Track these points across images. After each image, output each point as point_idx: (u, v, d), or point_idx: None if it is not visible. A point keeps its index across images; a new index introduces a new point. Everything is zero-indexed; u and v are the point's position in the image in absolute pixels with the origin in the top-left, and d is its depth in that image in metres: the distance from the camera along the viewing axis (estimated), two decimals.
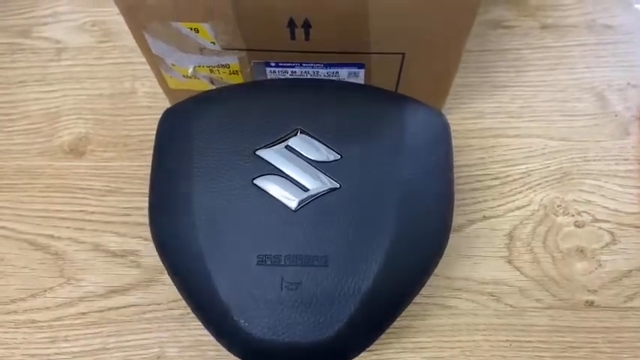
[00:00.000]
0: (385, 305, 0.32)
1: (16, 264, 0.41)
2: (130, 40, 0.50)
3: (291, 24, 0.34)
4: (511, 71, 0.48)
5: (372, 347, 0.37)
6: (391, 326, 0.38)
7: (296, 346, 0.30)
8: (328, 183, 0.32)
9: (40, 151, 0.46)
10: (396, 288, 0.32)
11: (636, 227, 0.41)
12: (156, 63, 0.40)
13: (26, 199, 0.44)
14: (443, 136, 0.34)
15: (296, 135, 0.33)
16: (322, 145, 0.33)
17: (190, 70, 0.39)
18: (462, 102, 0.46)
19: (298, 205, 0.31)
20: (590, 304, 0.39)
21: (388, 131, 0.33)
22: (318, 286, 0.31)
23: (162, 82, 0.42)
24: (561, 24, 0.49)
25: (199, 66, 0.39)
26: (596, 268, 0.40)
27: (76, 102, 0.48)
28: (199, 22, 0.35)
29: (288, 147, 0.33)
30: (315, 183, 0.32)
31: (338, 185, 0.32)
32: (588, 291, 0.39)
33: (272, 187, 0.32)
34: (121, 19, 0.49)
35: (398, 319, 0.38)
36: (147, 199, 0.34)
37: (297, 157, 0.33)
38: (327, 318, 0.30)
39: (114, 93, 0.48)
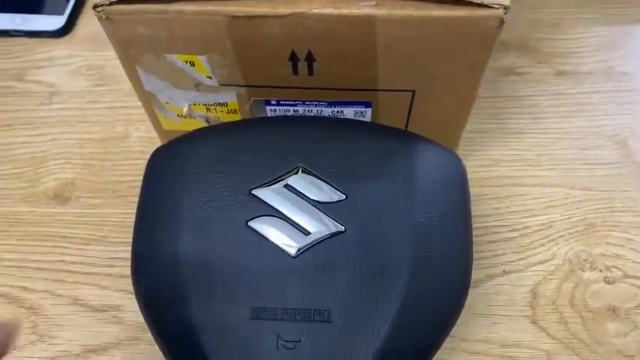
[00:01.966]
0: None
1: None
2: (126, 84, 0.48)
3: (294, 57, 0.32)
4: (526, 118, 0.45)
5: None
6: None
7: None
8: (332, 226, 0.28)
9: (22, 196, 0.42)
10: (409, 350, 0.28)
11: None
12: (149, 101, 0.37)
13: (3, 247, 0.40)
14: (458, 177, 0.31)
15: (297, 173, 0.30)
16: (325, 184, 0.30)
17: (185, 109, 0.37)
18: (475, 149, 0.43)
19: (298, 251, 0.28)
20: None
21: (399, 170, 0.30)
22: (319, 345, 0.27)
23: (156, 122, 0.39)
24: (577, 71, 0.47)
25: (195, 104, 0.36)
26: (632, 330, 0.36)
27: (65, 146, 0.45)
28: (195, 55, 0.33)
29: (287, 186, 0.30)
30: (317, 226, 0.28)
31: (343, 228, 0.28)
32: (625, 356, 0.35)
33: (269, 230, 0.29)
34: (117, 62, 0.47)
35: None
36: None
37: (298, 197, 0.29)
38: None
39: (105, 137, 0.45)
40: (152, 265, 0.29)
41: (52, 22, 0.51)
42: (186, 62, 0.33)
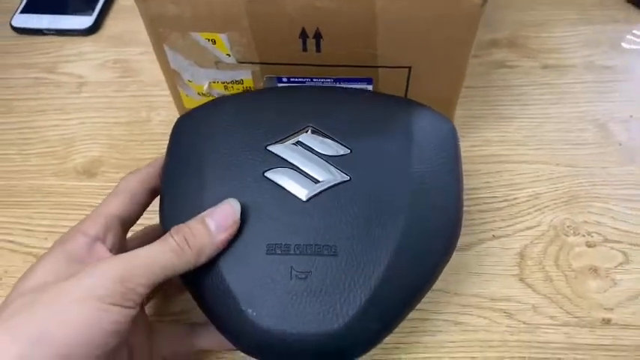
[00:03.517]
0: (395, 298, 0.31)
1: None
2: (148, 76, 0.52)
3: (303, 34, 0.36)
4: (515, 105, 0.49)
5: None
6: (399, 342, 0.37)
7: (304, 337, 0.29)
8: (338, 175, 0.32)
9: (53, 171, 0.46)
10: (407, 280, 0.31)
11: None
12: (173, 80, 0.41)
13: (36, 215, 0.44)
14: (450, 136, 0.35)
15: (307, 132, 0.34)
16: (332, 141, 0.33)
17: (205, 87, 0.41)
18: (469, 131, 0.47)
19: (308, 195, 0.32)
20: (607, 321, 0.37)
21: (398, 129, 0.34)
22: (327, 275, 0.30)
23: (178, 100, 0.43)
24: (561, 64, 0.52)
25: (214, 82, 0.41)
26: (611, 287, 0.39)
27: (93, 129, 0.49)
28: (217, 33, 0.37)
29: (299, 142, 0.33)
30: (325, 175, 0.32)
31: (348, 177, 0.32)
32: (604, 309, 0.38)
33: (283, 179, 0.32)
34: (141, 57, 0.52)
35: (406, 335, 0.37)
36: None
37: (308, 152, 0.33)
38: (336, 308, 0.29)
39: (129, 121, 0.49)
40: (178, 205, 0.33)
41: (81, 21, 0.56)
42: (209, 40, 0.37)
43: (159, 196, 0.34)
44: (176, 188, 0.33)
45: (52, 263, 0.28)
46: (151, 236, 0.34)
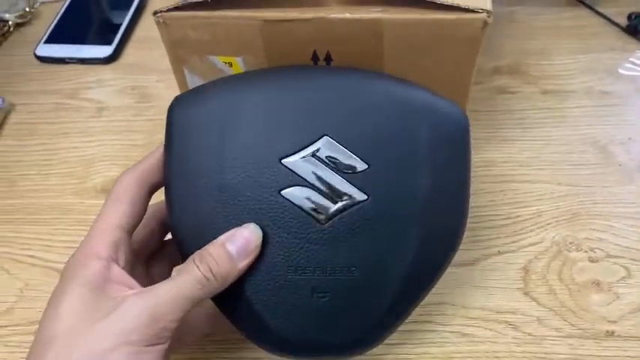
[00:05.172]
0: (410, 303, 0.33)
1: (40, 289, 0.42)
2: (164, 101, 0.55)
3: (315, 57, 0.39)
4: (518, 128, 0.51)
5: None
6: (407, 352, 0.38)
7: (325, 345, 0.32)
8: (356, 195, 0.32)
9: (73, 190, 0.48)
10: (420, 288, 0.33)
11: None
12: None
13: (56, 231, 0.46)
14: (463, 146, 0.35)
15: (323, 142, 0.32)
16: (349, 152, 0.32)
17: None
18: (474, 152, 0.47)
19: (327, 218, 0.32)
20: (610, 333, 0.38)
21: (416, 141, 0.33)
22: (346, 294, 0.32)
23: None
24: (561, 90, 0.54)
25: None
26: (614, 300, 0.40)
27: (112, 150, 0.51)
28: (233, 56, 0.39)
29: (314, 155, 0.32)
30: (342, 195, 0.32)
31: (366, 197, 0.32)
32: (608, 321, 0.39)
33: (300, 200, 0.32)
34: (157, 84, 0.55)
35: (415, 346, 0.39)
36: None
37: (325, 167, 0.32)
38: (355, 322, 0.32)
39: (146, 143, 0.52)
40: (193, 229, 0.32)
41: (101, 51, 0.59)
42: (225, 63, 0.40)
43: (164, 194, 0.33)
44: (186, 200, 0.32)
45: (75, 299, 0.28)
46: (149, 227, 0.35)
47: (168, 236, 0.37)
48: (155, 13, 0.37)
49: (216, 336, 0.39)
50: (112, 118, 0.54)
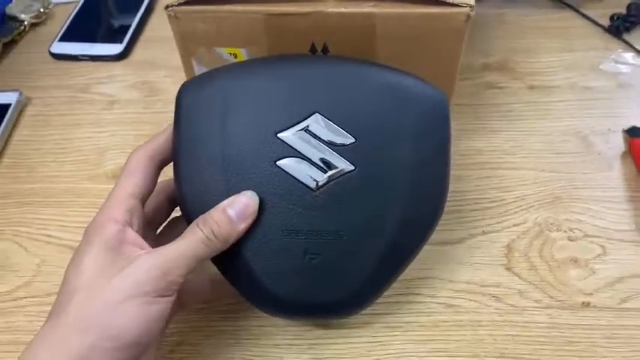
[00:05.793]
0: (397, 265, 0.37)
1: (55, 264, 0.46)
2: (171, 95, 0.58)
3: (313, 48, 0.42)
4: (504, 120, 0.54)
5: (378, 338, 0.40)
6: (397, 321, 0.41)
7: (318, 304, 0.36)
8: (344, 165, 0.35)
9: (87, 176, 0.52)
10: (406, 251, 0.37)
11: (624, 241, 0.44)
12: None
13: (71, 213, 0.49)
14: (444, 123, 0.37)
15: (314, 118, 0.36)
16: (338, 128, 0.36)
17: None
18: (461, 142, 0.52)
19: (318, 185, 0.35)
20: (586, 304, 0.41)
21: (399, 118, 0.36)
22: (336, 255, 0.35)
23: None
24: (546, 85, 0.57)
25: None
26: (590, 275, 0.43)
27: (123, 140, 0.55)
28: (238, 47, 0.43)
29: (307, 130, 0.36)
30: (332, 165, 0.35)
31: (353, 167, 0.35)
32: (584, 294, 0.42)
33: (294, 168, 0.35)
34: (165, 79, 0.58)
35: (405, 315, 0.41)
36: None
37: (316, 140, 0.35)
38: (345, 282, 0.35)
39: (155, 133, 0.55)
40: (199, 198, 0.35)
41: (112, 48, 0.63)
42: (231, 54, 0.43)
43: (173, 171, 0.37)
44: (192, 173, 0.35)
45: (95, 257, 0.31)
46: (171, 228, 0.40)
47: (176, 214, 0.40)
48: (167, 7, 0.41)
49: (221, 306, 0.42)
50: (123, 110, 0.57)
